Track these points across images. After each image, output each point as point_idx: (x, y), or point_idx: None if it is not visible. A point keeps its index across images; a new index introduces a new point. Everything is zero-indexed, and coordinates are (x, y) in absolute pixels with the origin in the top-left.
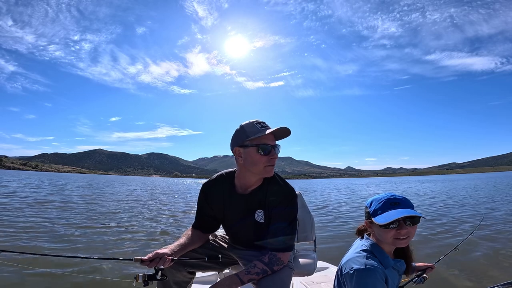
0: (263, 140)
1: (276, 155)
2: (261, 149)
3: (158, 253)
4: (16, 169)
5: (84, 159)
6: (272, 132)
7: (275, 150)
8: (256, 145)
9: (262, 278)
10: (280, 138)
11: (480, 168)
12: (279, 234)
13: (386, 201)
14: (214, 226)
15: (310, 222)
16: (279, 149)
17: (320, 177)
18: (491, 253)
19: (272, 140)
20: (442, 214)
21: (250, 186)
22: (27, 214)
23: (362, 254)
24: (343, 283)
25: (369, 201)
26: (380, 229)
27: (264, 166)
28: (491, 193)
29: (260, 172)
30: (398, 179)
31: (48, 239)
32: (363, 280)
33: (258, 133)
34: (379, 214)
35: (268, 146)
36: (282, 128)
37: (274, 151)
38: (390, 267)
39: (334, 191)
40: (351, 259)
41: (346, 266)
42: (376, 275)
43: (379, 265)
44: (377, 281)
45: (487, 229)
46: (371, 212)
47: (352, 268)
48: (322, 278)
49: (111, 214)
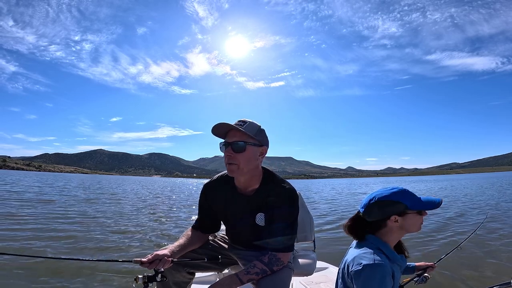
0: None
1: (225, 152)
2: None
3: (157, 255)
4: (20, 170)
5: (85, 159)
6: (213, 131)
7: (226, 148)
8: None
9: (261, 278)
10: (226, 135)
11: (480, 168)
12: (279, 235)
13: (410, 192)
14: (215, 227)
15: (309, 222)
16: (229, 147)
17: (321, 177)
18: (494, 252)
19: (227, 137)
20: (444, 213)
21: (249, 187)
22: (27, 214)
23: (369, 251)
24: (351, 280)
25: (398, 196)
26: (416, 217)
27: (226, 165)
28: (493, 192)
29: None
30: (396, 179)
31: (47, 241)
32: (373, 275)
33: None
34: (423, 201)
35: (220, 144)
36: (218, 124)
37: (224, 149)
38: (396, 262)
39: (331, 191)
40: (358, 256)
41: (353, 262)
42: (385, 270)
43: (387, 260)
44: (386, 275)
45: (490, 228)
46: (409, 205)
47: (361, 263)
48: (321, 278)
49: (110, 215)
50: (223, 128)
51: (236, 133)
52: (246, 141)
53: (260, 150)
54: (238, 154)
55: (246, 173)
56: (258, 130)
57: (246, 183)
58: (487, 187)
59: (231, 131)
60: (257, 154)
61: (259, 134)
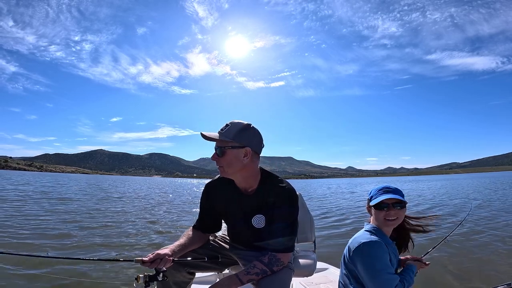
0: None
1: (213, 156)
2: None
3: (159, 254)
4: (22, 170)
5: (86, 159)
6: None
7: (215, 151)
8: None
9: (261, 279)
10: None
11: (478, 168)
12: (279, 235)
13: (381, 189)
14: (215, 227)
15: (309, 222)
16: (216, 151)
17: (321, 177)
18: (481, 246)
19: (216, 142)
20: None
21: (248, 187)
22: (27, 214)
23: (366, 233)
24: (352, 261)
25: (370, 190)
26: (375, 210)
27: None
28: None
29: None
30: (395, 178)
31: (48, 240)
32: (371, 250)
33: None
34: (374, 198)
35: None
36: (202, 135)
37: (215, 154)
38: (388, 246)
39: (328, 191)
40: (356, 237)
41: (353, 244)
42: (382, 247)
43: (383, 241)
44: (383, 252)
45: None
46: (369, 198)
47: (360, 242)
48: (321, 279)
49: (111, 215)
50: (205, 137)
51: (216, 139)
52: (224, 146)
53: (243, 152)
54: (221, 158)
55: (231, 174)
56: (238, 132)
57: (242, 183)
58: (483, 186)
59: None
60: (241, 156)
61: (238, 136)
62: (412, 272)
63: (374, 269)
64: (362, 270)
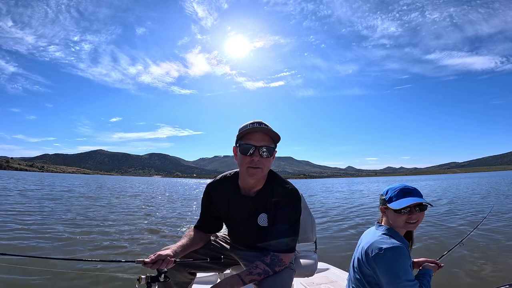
0: (247, 140)
1: (256, 157)
2: (240, 148)
3: (160, 255)
4: (23, 170)
5: (86, 159)
6: (256, 132)
7: (259, 151)
8: (239, 144)
9: (263, 279)
10: (273, 140)
11: (477, 167)
12: (281, 235)
13: (400, 190)
14: (217, 227)
15: (311, 223)
16: (266, 151)
17: (320, 177)
18: (497, 248)
19: (259, 141)
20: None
21: (253, 188)
22: (28, 215)
23: (384, 237)
24: (370, 265)
25: (385, 190)
26: (394, 214)
27: (246, 168)
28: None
29: (243, 173)
30: (394, 178)
31: (49, 241)
32: (395, 256)
33: (242, 131)
34: (394, 201)
35: (248, 146)
36: (260, 127)
37: (257, 152)
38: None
39: (327, 191)
40: (375, 242)
41: (372, 249)
42: (405, 253)
43: (403, 245)
44: (406, 258)
45: (494, 224)
46: (386, 199)
47: (381, 248)
48: (322, 279)
49: (112, 215)
50: (257, 130)
51: (265, 137)
52: (274, 147)
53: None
54: (265, 159)
55: (261, 177)
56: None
57: (252, 184)
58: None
59: (258, 134)
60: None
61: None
62: (430, 277)
63: (397, 276)
64: (384, 276)
